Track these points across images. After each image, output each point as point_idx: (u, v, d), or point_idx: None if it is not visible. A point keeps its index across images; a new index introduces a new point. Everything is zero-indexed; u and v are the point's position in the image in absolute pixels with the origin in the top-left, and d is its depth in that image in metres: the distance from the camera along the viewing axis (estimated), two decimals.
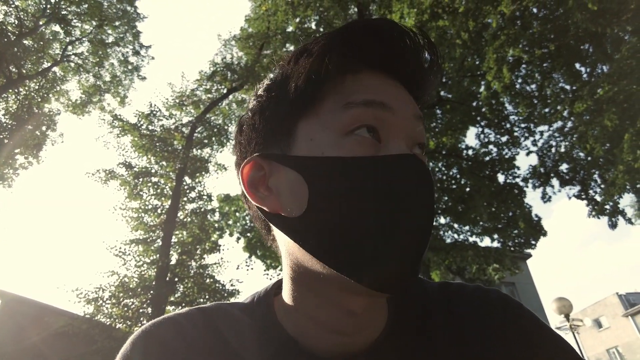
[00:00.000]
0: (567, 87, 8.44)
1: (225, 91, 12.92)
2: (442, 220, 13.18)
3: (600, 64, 7.78)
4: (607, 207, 9.45)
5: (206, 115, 12.66)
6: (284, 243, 0.51)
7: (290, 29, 11.69)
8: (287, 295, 0.53)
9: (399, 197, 0.43)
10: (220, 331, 0.51)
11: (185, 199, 11.84)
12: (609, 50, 7.28)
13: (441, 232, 12.89)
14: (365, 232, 0.42)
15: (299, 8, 10.79)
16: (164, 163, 11.45)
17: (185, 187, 11.85)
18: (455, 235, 12.92)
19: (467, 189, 12.75)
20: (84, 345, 8.73)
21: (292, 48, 12.91)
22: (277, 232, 0.53)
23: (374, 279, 0.42)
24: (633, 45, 6.13)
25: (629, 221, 9.84)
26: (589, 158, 9.70)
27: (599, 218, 9.35)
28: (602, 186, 9.82)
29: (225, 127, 12.82)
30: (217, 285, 10.91)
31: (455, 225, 13.03)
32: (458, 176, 13.25)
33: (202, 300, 10.60)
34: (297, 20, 11.15)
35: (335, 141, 0.45)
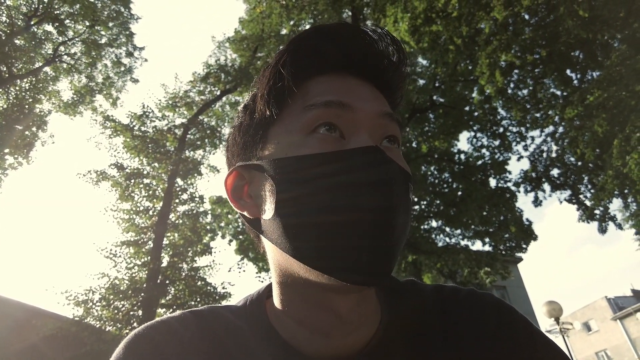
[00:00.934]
0: (558, 92, 8.56)
1: (218, 93, 12.89)
2: (434, 224, 13.25)
3: (591, 70, 7.89)
4: (597, 212, 9.56)
5: (199, 117, 12.61)
6: (269, 247, 0.53)
7: (284, 31, 11.71)
8: (276, 299, 0.54)
9: (359, 189, 0.43)
10: (213, 334, 0.51)
11: (177, 200, 11.78)
12: (599, 57, 7.38)
13: (433, 236, 12.95)
14: (330, 226, 0.43)
15: (293, 11, 10.81)
16: (156, 164, 11.38)
17: (177, 189, 11.78)
18: (447, 239, 13.00)
19: (459, 193, 12.83)
20: (73, 348, 8.63)
21: None
22: (263, 238, 0.54)
23: (344, 271, 0.43)
24: (622, 52, 6.22)
25: (619, 226, 9.97)
26: (579, 163, 9.82)
27: (589, 223, 9.46)
28: (592, 191, 9.93)
29: (218, 129, 12.79)
30: (208, 288, 10.87)
31: (447, 229, 13.10)
32: (450, 180, 13.34)
33: (193, 303, 10.55)
34: (292, 23, 11.18)
35: (299, 141, 0.47)
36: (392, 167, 0.45)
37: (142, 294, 9.25)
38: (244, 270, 12.05)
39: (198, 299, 10.60)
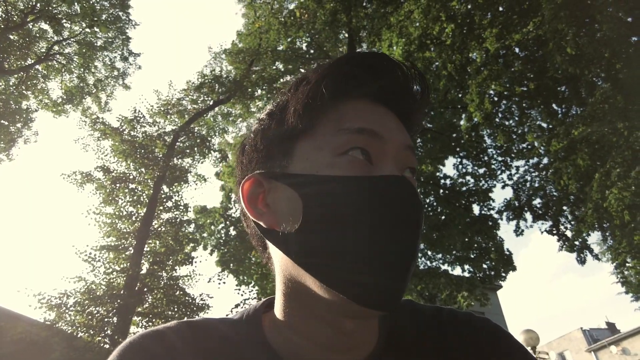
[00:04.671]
0: (544, 125, 8.82)
1: (211, 103, 12.92)
2: None
3: (575, 106, 8.19)
4: (577, 243, 9.75)
5: (190, 125, 12.61)
6: (279, 259, 0.53)
7: (281, 47, 11.86)
8: (279, 310, 0.54)
9: (388, 216, 0.45)
10: (207, 346, 0.51)
11: (161, 207, 11.67)
12: (582, 94, 7.66)
13: None
14: (355, 249, 0.44)
15: (291, 28, 10.99)
16: (143, 170, 11.29)
17: (163, 196, 11.68)
18: (428, 262, 13.05)
19: (443, 217, 12.94)
20: (41, 353, 8.35)
21: (281, 66, 13.13)
22: (272, 248, 0.54)
23: (362, 295, 0.44)
24: (606, 91, 6.48)
25: (596, 257, 10.16)
26: (561, 195, 10.05)
27: (572, 252, 9.64)
28: (573, 222, 10.14)
29: (209, 138, 12.80)
30: (187, 298, 10.71)
31: (429, 252, 13.17)
32: (435, 204, 13.46)
33: (170, 313, 10.37)
34: (289, 40, 11.35)
35: (330, 161, 0.48)
36: (419, 202, 0.47)
37: (119, 301, 9.05)
38: (224, 282, 11.90)
39: (175, 309, 10.41)
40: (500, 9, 7.63)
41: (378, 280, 0.44)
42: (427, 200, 13.46)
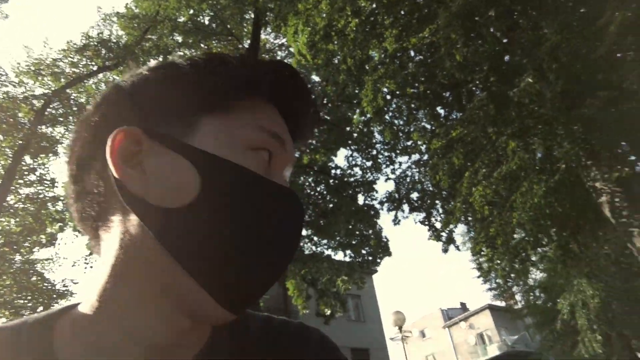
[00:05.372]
0: (428, 126, 9.79)
1: (95, 68, 11.48)
2: (304, 232, 13.79)
3: (456, 111, 9.24)
4: (443, 234, 11.08)
5: (66, 90, 11.05)
6: (131, 233, 0.43)
7: (182, 19, 11.04)
8: (95, 297, 0.45)
9: (276, 227, 0.45)
10: None
11: (21, 181, 10.19)
12: (463, 100, 8.69)
13: (301, 243, 13.41)
14: (237, 245, 0.42)
15: (193, 0, 10.31)
16: (0, 136, 9.65)
17: (24, 168, 10.18)
18: (314, 247, 13.64)
19: (331, 205, 13.60)
20: None
21: (180, 38, 12.28)
22: (121, 219, 0.44)
23: (219, 290, 0.42)
24: (482, 99, 7.44)
25: (457, 247, 11.68)
26: (435, 190, 11.27)
27: (439, 241, 10.90)
28: (442, 215, 11.48)
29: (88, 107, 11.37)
30: (44, 284, 9.58)
31: (315, 238, 13.75)
32: (325, 192, 14.07)
33: (22, 301, 9.19)
34: (191, 12, 10.61)
35: (239, 151, 0.46)
36: (302, 224, 0.49)
37: None
38: (92, 267, 10.87)
39: (29, 297, 9.27)
40: (402, 12, 8.20)
41: (245, 284, 0.44)
42: (318, 189, 13.99)
